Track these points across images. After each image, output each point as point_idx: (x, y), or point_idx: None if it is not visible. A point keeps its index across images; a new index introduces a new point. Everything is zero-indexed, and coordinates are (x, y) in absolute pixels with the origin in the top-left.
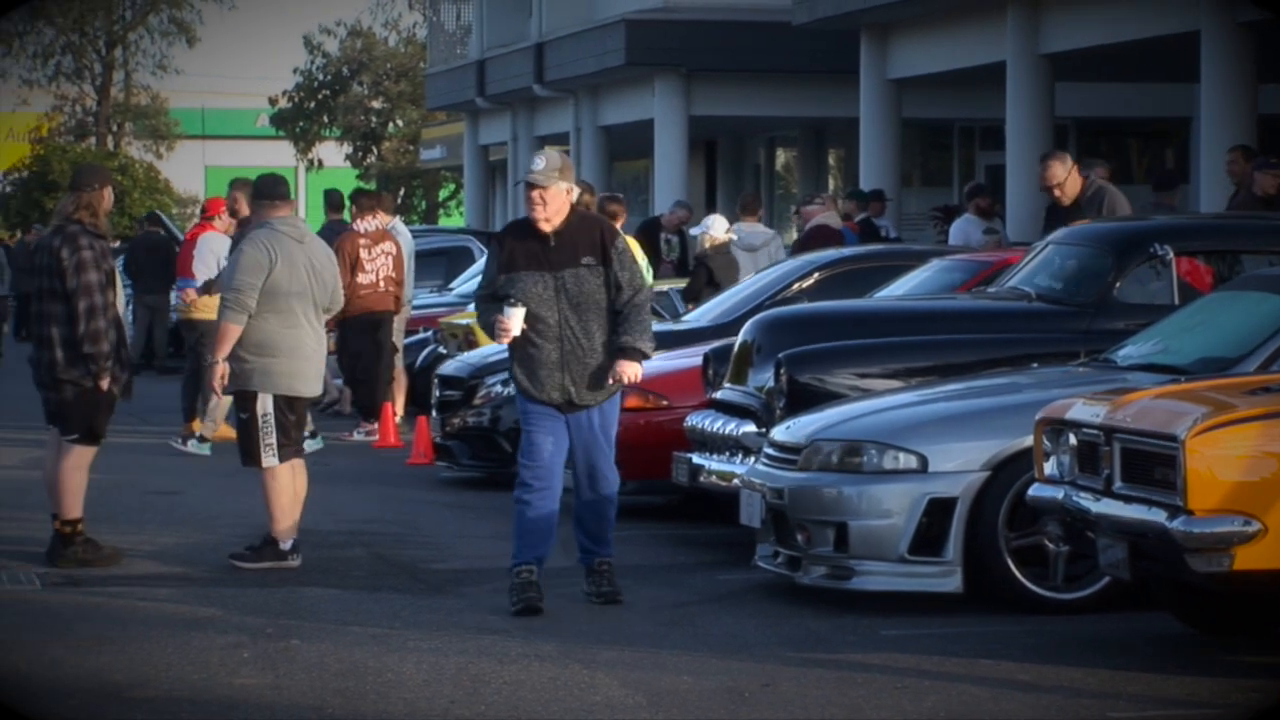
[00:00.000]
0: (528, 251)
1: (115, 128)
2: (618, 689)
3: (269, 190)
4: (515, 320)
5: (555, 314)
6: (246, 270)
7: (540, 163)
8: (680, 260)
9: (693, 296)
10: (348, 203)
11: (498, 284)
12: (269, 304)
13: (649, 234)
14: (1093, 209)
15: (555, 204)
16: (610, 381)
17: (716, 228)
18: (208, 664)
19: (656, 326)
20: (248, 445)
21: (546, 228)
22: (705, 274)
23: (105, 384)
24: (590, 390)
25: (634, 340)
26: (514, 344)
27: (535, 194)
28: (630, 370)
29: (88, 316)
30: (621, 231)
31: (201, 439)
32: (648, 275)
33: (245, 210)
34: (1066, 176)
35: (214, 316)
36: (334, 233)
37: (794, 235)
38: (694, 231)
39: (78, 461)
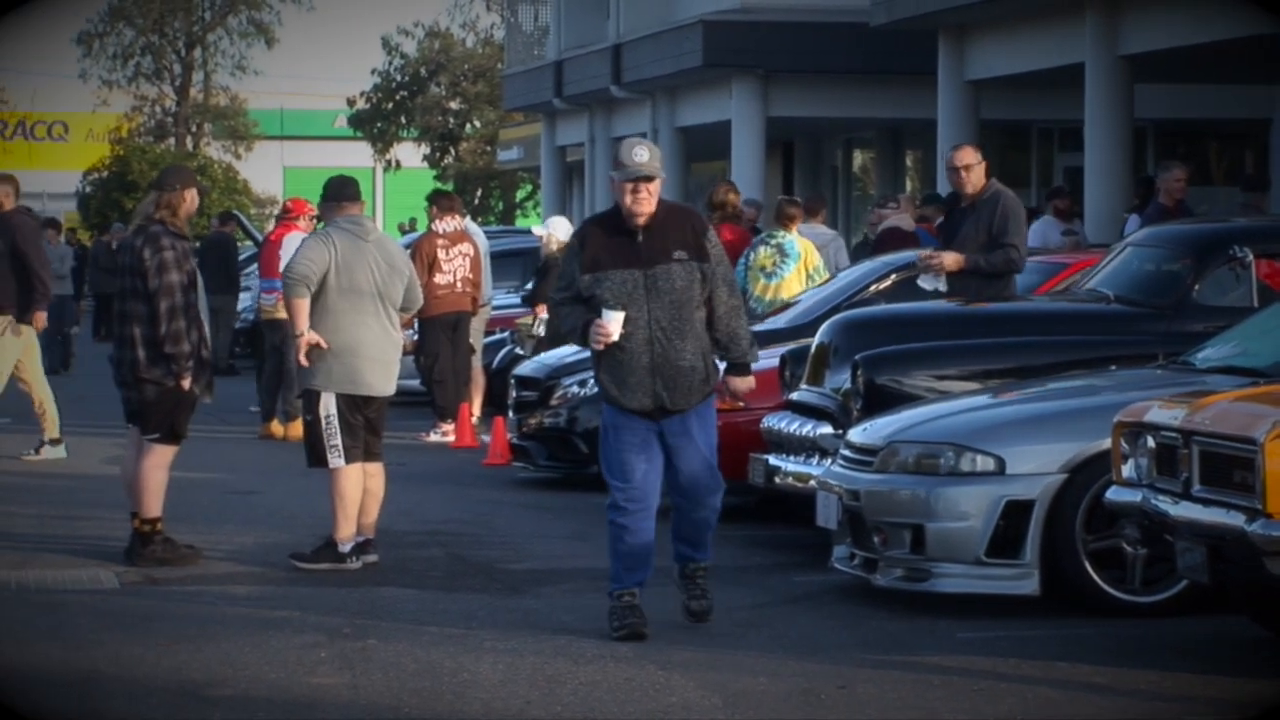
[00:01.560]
0: (614, 248)
1: (194, 128)
2: (693, 690)
3: (337, 191)
4: (615, 324)
5: (644, 314)
6: (305, 252)
7: (645, 154)
8: None
9: (544, 298)
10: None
11: (581, 285)
12: (328, 303)
13: None
14: (985, 211)
15: (656, 197)
16: (711, 389)
17: (559, 229)
18: (285, 663)
19: None
20: (313, 446)
21: (643, 222)
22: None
23: (186, 384)
24: (683, 394)
25: (743, 353)
26: (600, 349)
27: (646, 188)
28: (745, 385)
29: (169, 317)
30: (799, 233)
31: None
32: (824, 273)
33: (9, 205)
34: (976, 163)
35: None
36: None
37: (863, 237)
38: (536, 231)
39: (158, 460)
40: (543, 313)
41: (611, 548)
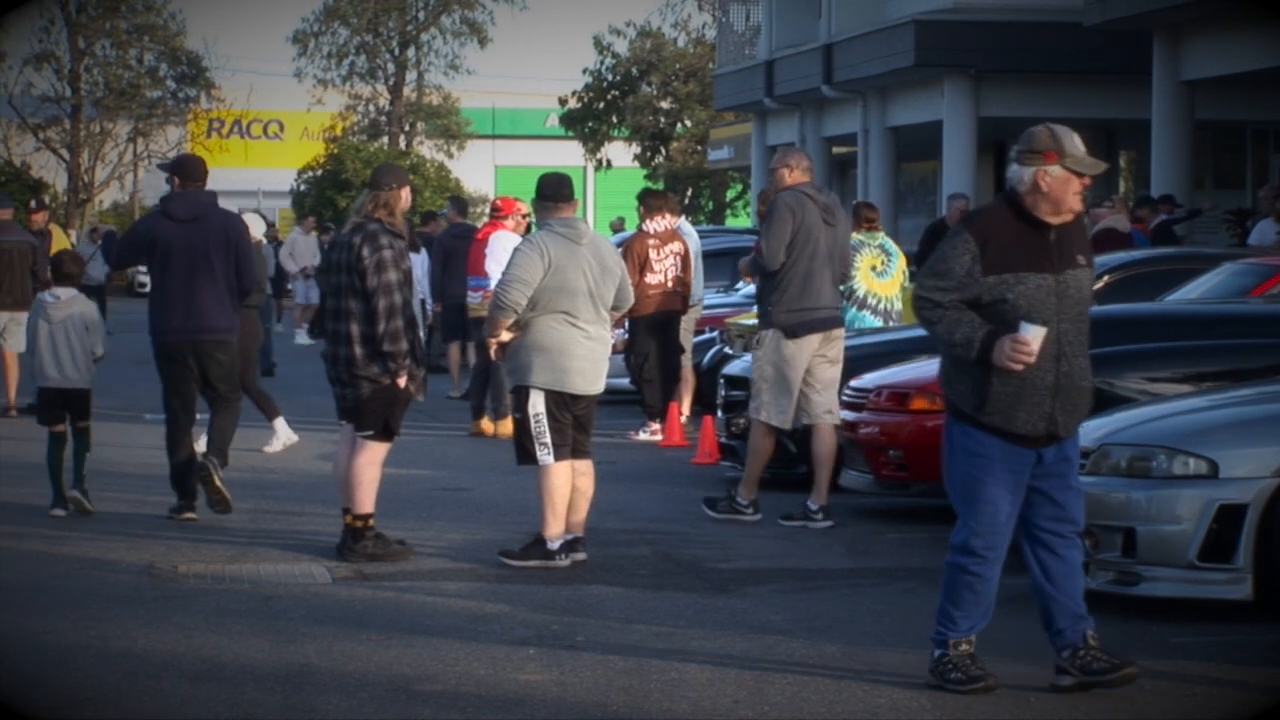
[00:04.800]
0: (1026, 247)
1: (407, 127)
2: (901, 691)
3: (551, 191)
4: (1038, 341)
5: (1054, 326)
6: (515, 266)
7: (1083, 145)
8: None
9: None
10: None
11: (983, 287)
12: (540, 303)
13: (934, 236)
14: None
15: None
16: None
17: (254, 227)
18: (494, 659)
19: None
20: (523, 443)
21: (1069, 219)
22: None
23: (402, 382)
24: (1076, 419)
25: None
26: (1018, 369)
27: (1085, 185)
28: None
29: (387, 315)
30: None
31: None
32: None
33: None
34: (777, 166)
35: None
36: (455, 236)
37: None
38: None
39: (372, 457)
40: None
41: (952, 593)
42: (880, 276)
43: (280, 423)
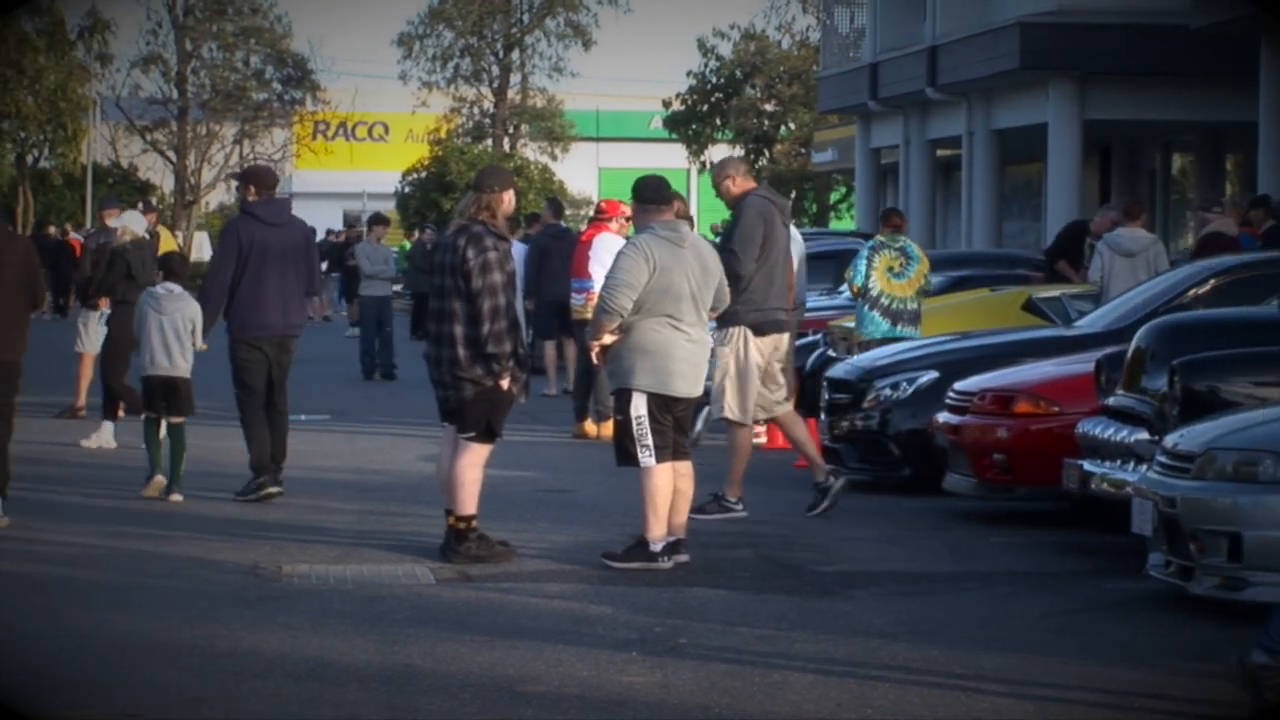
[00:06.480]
0: None
1: (511, 129)
2: (1005, 696)
3: (651, 194)
4: None
5: None
6: (621, 270)
7: None
8: None
9: (108, 290)
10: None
11: None
12: (644, 306)
13: (1073, 237)
14: (732, 221)
15: None
16: None
17: (134, 223)
18: (597, 661)
19: (1047, 332)
20: (624, 445)
21: None
22: (124, 267)
23: (505, 384)
24: None
25: None
26: None
27: None
28: None
29: (492, 317)
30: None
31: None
32: (932, 282)
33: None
34: (723, 179)
35: None
36: (550, 236)
37: (1189, 239)
38: (113, 224)
39: (474, 459)
40: (105, 306)
41: None
42: (897, 277)
43: (109, 426)
